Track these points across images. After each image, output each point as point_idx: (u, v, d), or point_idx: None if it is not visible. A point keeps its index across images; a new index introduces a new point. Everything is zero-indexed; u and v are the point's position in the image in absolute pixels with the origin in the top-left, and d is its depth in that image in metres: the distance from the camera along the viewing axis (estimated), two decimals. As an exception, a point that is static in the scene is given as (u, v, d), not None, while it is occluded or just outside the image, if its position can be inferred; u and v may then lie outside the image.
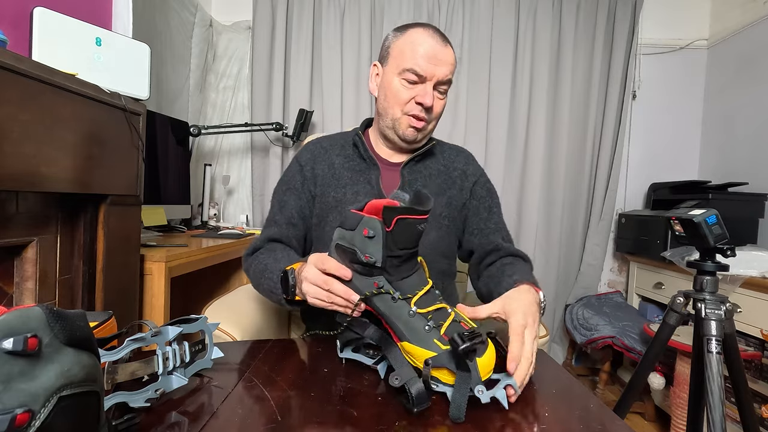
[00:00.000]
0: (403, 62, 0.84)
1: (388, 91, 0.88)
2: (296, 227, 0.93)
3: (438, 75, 0.84)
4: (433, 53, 0.83)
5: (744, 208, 1.91)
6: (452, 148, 1.03)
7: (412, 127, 0.88)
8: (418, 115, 0.86)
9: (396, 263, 0.56)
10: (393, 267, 0.56)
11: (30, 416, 0.26)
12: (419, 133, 0.90)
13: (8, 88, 0.78)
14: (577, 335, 2.13)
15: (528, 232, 2.34)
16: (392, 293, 0.57)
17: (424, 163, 0.96)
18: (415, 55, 0.83)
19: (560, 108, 2.33)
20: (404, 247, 0.56)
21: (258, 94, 2.31)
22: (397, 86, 0.86)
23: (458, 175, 0.98)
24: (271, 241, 0.90)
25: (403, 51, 0.85)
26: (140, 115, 1.16)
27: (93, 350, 0.33)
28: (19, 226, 0.90)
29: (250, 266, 0.87)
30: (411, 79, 0.84)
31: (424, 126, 0.89)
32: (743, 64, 2.15)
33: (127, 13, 1.42)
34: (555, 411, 0.51)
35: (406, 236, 0.55)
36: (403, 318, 0.56)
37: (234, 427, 0.45)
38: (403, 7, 2.27)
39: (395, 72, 0.86)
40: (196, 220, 2.20)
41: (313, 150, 0.98)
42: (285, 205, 0.94)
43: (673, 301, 1.12)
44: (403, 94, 0.86)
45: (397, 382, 0.50)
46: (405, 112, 0.87)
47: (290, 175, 0.97)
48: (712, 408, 0.97)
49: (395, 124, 0.89)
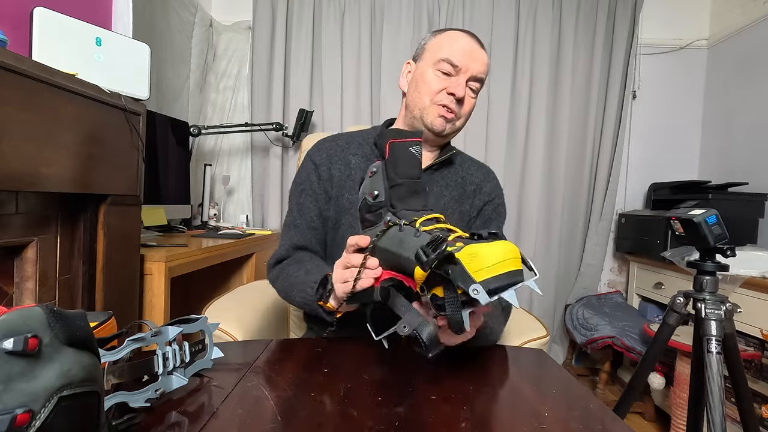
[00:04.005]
0: (439, 53, 0.85)
1: (420, 82, 0.87)
2: (317, 230, 0.91)
3: (472, 69, 0.84)
4: (470, 49, 0.84)
5: (744, 208, 1.90)
6: (474, 162, 1.00)
7: (441, 117, 0.86)
8: (448, 105, 0.85)
9: (402, 194, 0.56)
10: (399, 200, 0.56)
11: (30, 416, 0.26)
12: (447, 124, 0.87)
13: (8, 88, 0.78)
14: (577, 335, 2.13)
15: (528, 232, 2.34)
16: (398, 222, 0.55)
17: (441, 172, 0.94)
18: (453, 48, 0.84)
19: (560, 108, 2.33)
20: (405, 176, 0.56)
21: (258, 94, 2.31)
22: (430, 76, 0.86)
23: (472, 190, 0.95)
24: (297, 249, 0.88)
25: (441, 44, 0.86)
26: (140, 115, 1.16)
27: (93, 350, 0.33)
28: (19, 226, 0.90)
29: (276, 277, 0.85)
30: (446, 69, 0.84)
31: (453, 119, 0.87)
32: (743, 64, 2.15)
33: (127, 13, 1.42)
34: (555, 411, 0.51)
35: (402, 161, 0.57)
36: (410, 243, 0.52)
37: (234, 427, 0.45)
38: (403, 7, 2.27)
39: (430, 64, 0.86)
40: (196, 220, 2.20)
41: (329, 149, 0.94)
42: (303, 208, 0.91)
43: (673, 301, 1.12)
44: (435, 84, 0.85)
45: (406, 329, 0.48)
46: (435, 101, 0.86)
47: (305, 176, 0.93)
48: (712, 408, 0.97)
49: (423, 114, 0.87)
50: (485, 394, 0.55)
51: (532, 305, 2.31)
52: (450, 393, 0.54)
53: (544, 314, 2.31)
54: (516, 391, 0.58)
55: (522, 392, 0.54)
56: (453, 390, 0.55)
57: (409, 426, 0.46)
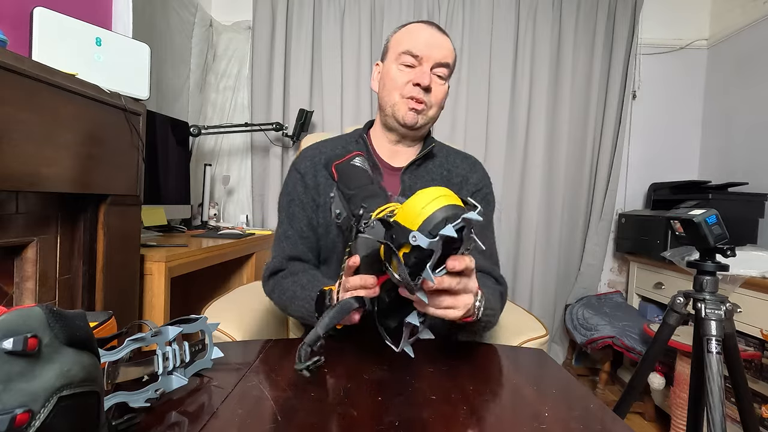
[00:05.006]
0: (400, 47, 0.86)
1: (386, 79, 0.88)
2: (308, 239, 0.91)
3: (435, 56, 0.84)
4: (430, 37, 0.85)
5: (744, 208, 1.90)
6: (458, 154, 1.00)
7: (411, 110, 0.86)
8: (416, 96, 0.85)
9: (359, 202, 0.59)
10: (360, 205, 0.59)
11: (30, 416, 0.26)
12: (419, 116, 0.87)
13: (8, 88, 0.78)
14: (577, 335, 2.13)
15: (528, 232, 2.34)
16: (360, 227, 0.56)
17: (425, 167, 0.94)
18: (412, 39, 0.85)
19: (560, 108, 2.33)
20: (356, 186, 0.60)
21: (258, 94, 2.31)
22: (395, 72, 0.86)
23: (459, 182, 0.94)
24: (290, 260, 0.89)
25: (401, 39, 0.87)
26: (140, 115, 1.16)
27: (93, 350, 0.33)
28: (19, 226, 0.90)
29: (273, 290, 0.86)
30: (408, 62, 0.85)
31: (424, 109, 0.87)
32: (743, 64, 2.15)
33: (127, 13, 1.42)
34: (555, 411, 0.51)
35: (349, 176, 0.61)
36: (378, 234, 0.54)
37: (234, 427, 0.45)
38: (403, 7, 2.27)
39: (393, 59, 0.87)
40: (196, 220, 2.20)
41: (312, 157, 0.94)
42: (293, 218, 0.92)
43: (673, 301, 1.12)
44: (400, 78, 0.86)
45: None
46: (403, 95, 0.86)
47: (291, 186, 0.94)
48: (712, 408, 0.97)
49: (394, 110, 0.88)
50: (485, 394, 0.55)
51: (532, 305, 2.31)
52: (450, 393, 0.54)
53: (544, 314, 2.31)
54: (516, 391, 0.58)
55: (522, 392, 0.54)
56: (453, 390, 0.55)
57: (409, 426, 0.46)
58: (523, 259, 2.34)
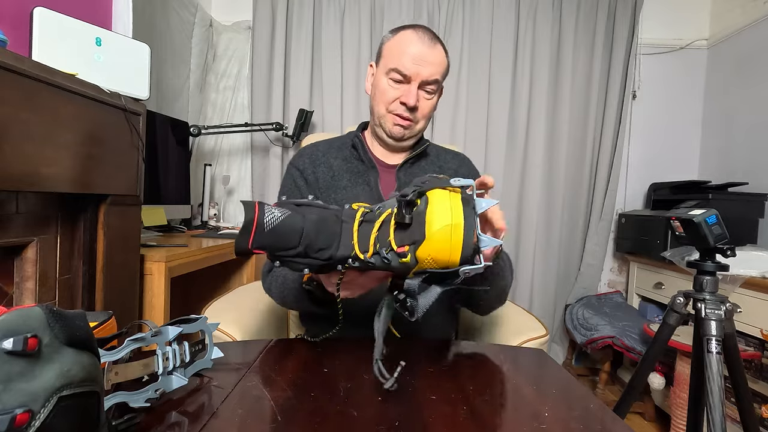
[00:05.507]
0: (390, 62, 0.86)
1: (376, 90, 0.90)
2: None
3: (423, 75, 0.85)
4: (419, 54, 0.85)
5: (744, 208, 1.90)
6: (449, 152, 1.03)
7: (397, 125, 0.89)
8: (402, 114, 0.88)
9: (320, 246, 0.50)
10: (330, 249, 0.50)
11: (30, 416, 0.26)
12: (405, 131, 0.90)
13: (8, 88, 0.78)
14: (577, 335, 2.13)
15: (528, 232, 2.34)
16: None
17: (419, 164, 0.96)
18: (401, 56, 0.85)
19: (560, 108, 2.33)
20: (292, 242, 0.49)
21: (258, 94, 2.31)
22: (384, 85, 0.88)
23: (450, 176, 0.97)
24: None
25: (392, 51, 0.87)
26: (140, 115, 1.16)
27: (93, 350, 0.33)
28: (19, 226, 0.90)
29: (270, 284, 0.86)
30: (396, 78, 0.86)
31: (410, 125, 0.90)
32: (743, 64, 2.15)
33: (127, 13, 1.42)
34: (555, 411, 0.51)
35: (278, 237, 0.48)
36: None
37: (234, 427, 0.45)
38: (403, 7, 2.27)
39: (383, 71, 0.88)
40: (196, 220, 2.20)
41: (310, 154, 0.96)
42: None
43: (673, 301, 1.12)
44: (388, 94, 0.87)
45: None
46: (390, 110, 0.88)
47: (291, 183, 0.94)
48: (712, 408, 0.97)
49: (381, 122, 0.91)
50: (485, 394, 0.55)
51: (532, 305, 2.32)
52: (450, 393, 0.54)
53: (544, 314, 2.31)
54: (516, 391, 0.58)
55: (522, 392, 0.54)
56: (453, 390, 0.55)
57: (409, 426, 0.46)
58: (523, 259, 2.34)
